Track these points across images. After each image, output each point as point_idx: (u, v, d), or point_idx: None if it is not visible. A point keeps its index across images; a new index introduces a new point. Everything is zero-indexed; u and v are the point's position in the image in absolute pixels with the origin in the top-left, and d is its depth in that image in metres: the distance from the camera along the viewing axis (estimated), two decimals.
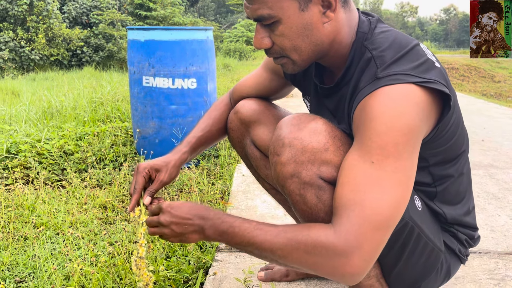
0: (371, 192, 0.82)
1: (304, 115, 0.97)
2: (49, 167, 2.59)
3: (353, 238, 0.79)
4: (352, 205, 0.82)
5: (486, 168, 2.76)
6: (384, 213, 0.81)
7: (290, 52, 0.96)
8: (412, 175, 0.86)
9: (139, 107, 2.79)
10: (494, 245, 1.69)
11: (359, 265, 0.80)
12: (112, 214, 2.02)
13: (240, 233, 0.88)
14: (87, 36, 14.48)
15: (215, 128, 1.32)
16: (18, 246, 1.68)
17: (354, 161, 0.85)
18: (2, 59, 12.61)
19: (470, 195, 1.13)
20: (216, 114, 1.35)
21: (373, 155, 0.83)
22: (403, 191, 0.84)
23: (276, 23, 0.92)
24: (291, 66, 0.99)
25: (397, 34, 0.96)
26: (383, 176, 0.82)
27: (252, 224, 0.89)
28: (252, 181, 2.38)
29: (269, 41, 0.96)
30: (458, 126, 0.99)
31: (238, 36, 20.26)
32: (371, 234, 0.80)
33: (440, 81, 0.87)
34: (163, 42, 2.65)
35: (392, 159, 0.82)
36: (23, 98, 5.76)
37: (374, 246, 0.81)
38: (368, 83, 0.89)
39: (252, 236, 0.87)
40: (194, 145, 1.27)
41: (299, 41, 0.94)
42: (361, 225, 0.80)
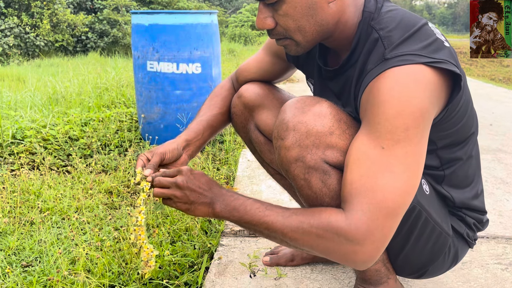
0: (382, 178, 0.80)
1: (309, 98, 0.95)
2: (54, 152, 2.60)
3: (365, 226, 0.79)
4: (364, 192, 0.80)
5: (494, 152, 2.73)
6: (395, 199, 0.80)
7: (294, 33, 0.93)
8: (422, 161, 0.85)
9: (144, 92, 2.77)
10: (502, 230, 1.67)
11: (371, 252, 0.80)
12: (118, 199, 2.02)
13: (252, 211, 0.88)
14: (91, 21, 14.42)
15: (218, 111, 1.28)
16: (24, 231, 1.69)
17: (363, 146, 0.83)
18: (8, 45, 12.60)
19: (479, 178, 1.11)
20: (217, 100, 1.31)
21: (383, 140, 0.81)
22: (414, 177, 0.83)
23: (280, 2, 0.89)
24: (294, 47, 0.97)
25: (404, 13, 0.93)
26: (394, 162, 0.81)
27: (264, 204, 0.90)
28: (257, 166, 2.37)
29: (272, 21, 0.93)
30: (468, 107, 0.97)
31: (243, 21, 20.08)
32: (382, 221, 0.80)
33: (450, 60, 0.85)
34: (167, 26, 2.62)
35: (402, 143, 0.81)
36: (29, 84, 5.77)
37: (385, 233, 0.81)
38: (376, 65, 0.87)
39: (263, 215, 0.87)
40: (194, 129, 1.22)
41: (303, 21, 0.91)
42: (372, 213, 0.79)
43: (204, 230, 1.69)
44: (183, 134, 1.20)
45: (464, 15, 62.02)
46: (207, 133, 1.25)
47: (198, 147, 1.23)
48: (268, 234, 0.88)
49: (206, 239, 1.60)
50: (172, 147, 1.13)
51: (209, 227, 1.70)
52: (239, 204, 0.90)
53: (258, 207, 0.89)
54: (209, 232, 1.68)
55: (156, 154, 1.09)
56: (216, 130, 1.29)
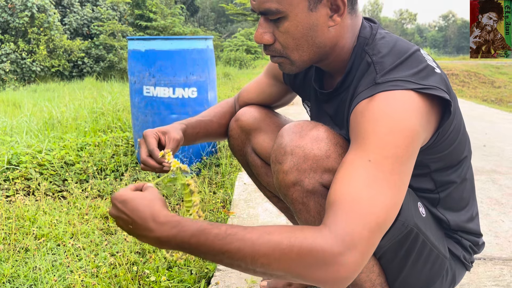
0: (367, 190, 0.77)
1: (306, 123, 0.97)
2: (50, 178, 2.59)
3: (350, 239, 0.73)
4: (348, 202, 0.76)
5: (488, 173, 2.74)
6: (380, 214, 0.77)
7: (291, 52, 0.94)
8: (407, 181, 0.83)
9: (140, 116, 2.79)
10: (499, 251, 1.67)
11: (353, 268, 0.74)
12: (114, 224, 2.01)
13: (208, 241, 0.74)
14: (88, 47, 14.55)
15: (217, 120, 1.31)
16: (19, 258, 1.67)
17: (349, 159, 0.82)
18: (4, 71, 12.66)
19: (474, 201, 1.12)
20: (220, 110, 1.34)
21: (371, 153, 0.80)
22: (398, 195, 0.81)
23: (282, 19, 0.90)
24: (289, 66, 0.98)
25: (397, 40, 0.96)
26: (380, 176, 0.79)
27: (222, 229, 0.75)
28: (253, 189, 2.37)
29: (271, 37, 0.94)
30: (459, 131, 0.99)
31: (238, 45, 20.33)
32: (366, 235, 0.75)
33: (440, 87, 0.86)
34: (163, 51, 2.66)
35: (390, 160, 0.80)
36: (24, 109, 5.78)
37: (369, 246, 0.76)
38: (366, 88, 0.88)
39: (225, 243, 0.74)
40: (193, 124, 1.22)
41: (302, 41, 0.92)
42: (357, 225, 0.75)
43: None
44: (183, 123, 1.20)
45: (454, 37, 63.14)
46: (201, 134, 1.26)
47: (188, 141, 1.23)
48: (231, 263, 0.76)
49: (203, 264, 1.58)
50: (179, 136, 1.12)
51: None
52: (188, 235, 0.76)
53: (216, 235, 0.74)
54: None
55: (174, 141, 1.08)
56: (209, 137, 1.30)
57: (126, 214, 0.80)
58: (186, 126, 1.20)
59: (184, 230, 0.76)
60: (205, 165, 2.89)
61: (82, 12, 15.45)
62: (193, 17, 31.77)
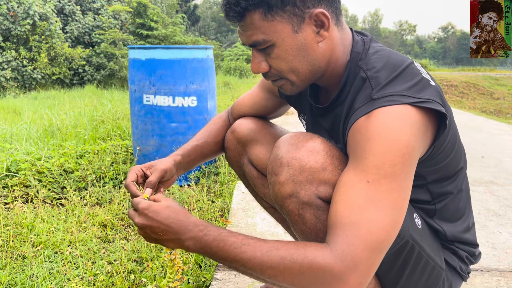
0: (367, 211, 0.80)
1: (302, 134, 0.97)
2: (48, 185, 2.59)
3: (350, 259, 0.77)
4: (348, 224, 0.80)
5: (486, 184, 2.75)
6: (380, 234, 0.79)
7: (288, 74, 0.97)
8: (407, 197, 0.85)
9: (140, 125, 2.80)
10: (496, 262, 1.67)
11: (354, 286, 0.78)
12: (112, 232, 2.01)
13: (225, 248, 0.83)
14: (89, 55, 14.62)
15: (212, 140, 1.33)
16: (16, 265, 1.67)
17: (349, 179, 0.84)
18: (4, 78, 12.71)
19: (470, 211, 1.13)
20: (213, 128, 1.35)
21: (369, 174, 0.82)
22: (399, 213, 0.83)
23: (272, 47, 0.94)
24: (290, 87, 1.00)
25: (390, 53, 0.97)
26: (379, 196, 0.81)
27: (239, 238, 0.84)
28: (251, 198, 2.37)
29: (266, 65, 0.97)
30: (455, 143, 1.00)
31: (238, 54, 20.43)
32: (367, 255, 0.78)
33: (435, 99, 0.88)
34: (163, 60, 2.68)
35: (388, 179, 0.82)
36: (25, 116, 5.79)
37: (370, 267, 0.79)
38: (363, 104, 0.89)
39: (239, 252, 0.82)
40: (188, 152, 1.26)
41: (295, 62, 0.95)
42: (357, 246, 0.78)
43: (198, 263, 1.68)
44: (178, 154, 1.24)
45: (454, 49, 63.47)
46: (198, 159, 1.30)
47: (185, 169, 1.27)
48: (245, 271, 0.84)
49: (200, 273, 1.58)
50: (170, 165, 1.15)
51: (203, 261, 1.69)
52: (211, 240, 0.85)
53: (232, 243, 0.83)
54: (203, 265, 1.67)
55: (158, 171, 1.11)
56: (206, 158, 1.33)
57: (159, 222, 0.88)
58: (182, 156, 1.24)
59: (209, 233, 0.86)
60: (204, 173, 2.89)
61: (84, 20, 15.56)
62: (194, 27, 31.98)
